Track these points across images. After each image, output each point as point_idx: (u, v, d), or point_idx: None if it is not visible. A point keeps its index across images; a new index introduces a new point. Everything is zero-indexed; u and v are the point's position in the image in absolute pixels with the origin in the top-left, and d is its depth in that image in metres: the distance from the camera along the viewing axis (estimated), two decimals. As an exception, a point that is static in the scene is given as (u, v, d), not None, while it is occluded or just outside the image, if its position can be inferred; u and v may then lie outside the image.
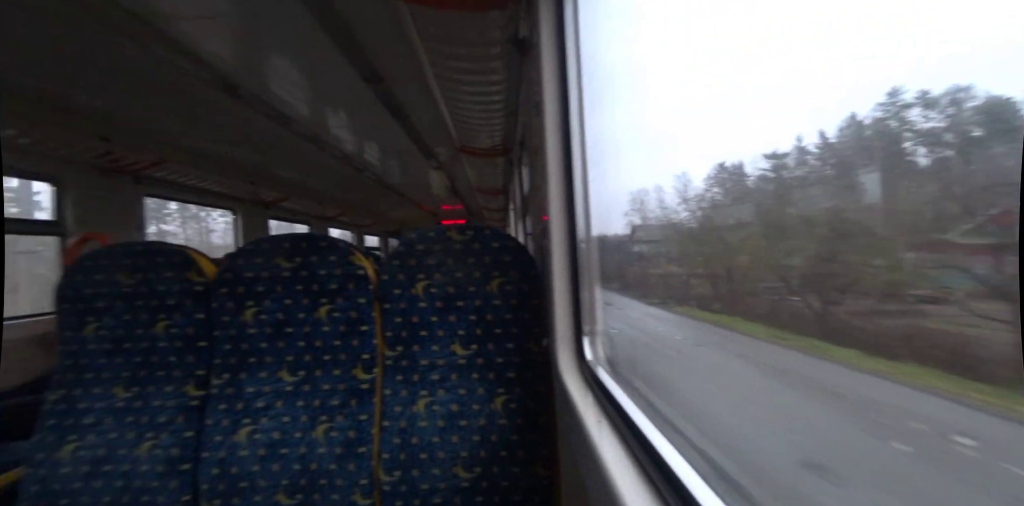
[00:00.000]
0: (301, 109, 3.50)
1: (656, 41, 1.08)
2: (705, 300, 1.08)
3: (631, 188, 1.44)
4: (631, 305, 1.46)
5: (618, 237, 1.48)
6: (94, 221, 3.00)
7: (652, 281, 1.47)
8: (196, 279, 1.40)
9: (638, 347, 1.27)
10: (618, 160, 1.24)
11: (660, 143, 1.17)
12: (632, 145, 1.31)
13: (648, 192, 1.38)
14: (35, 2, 2.00)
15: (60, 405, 1.36)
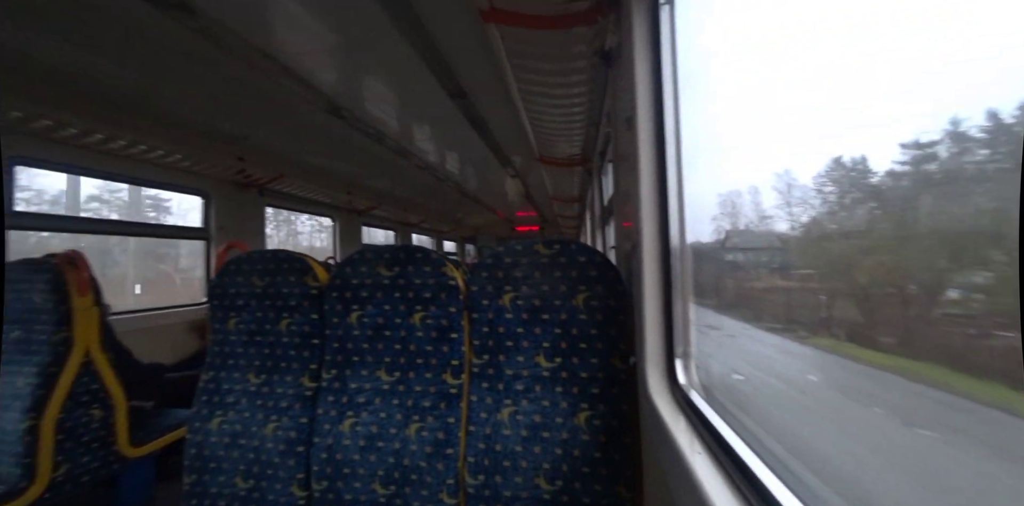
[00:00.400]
0: (392, 125, 3.82)
1: (757, 37, 1.02)
2: (856, 329, 0.77)
3: (720, 190, 1.36)
4: (743, 331, 1.22)
5: (709, 245, 1.37)
6: (230, 227, 3.54)
7: (762, 298, 1.22)
8: (312, 284, 1.60)
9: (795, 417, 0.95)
10: (706, 161, 1.18)
11: (755, 141, 1.10)
12: (723, 145, 1.24)
13: (740, 194, 1.28)
14: (190, 46, 2.43)
15: (210, 384, 1.63)
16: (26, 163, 2.36)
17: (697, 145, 1.15)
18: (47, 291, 1.79)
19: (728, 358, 1.20)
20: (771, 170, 1.05)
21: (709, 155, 1.20)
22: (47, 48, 2.13)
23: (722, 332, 1.28)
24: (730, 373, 1.12)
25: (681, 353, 1.08)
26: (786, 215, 1.06)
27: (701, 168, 1.18)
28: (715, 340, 1.27)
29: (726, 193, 1.35)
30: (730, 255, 1.32)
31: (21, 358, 1.78)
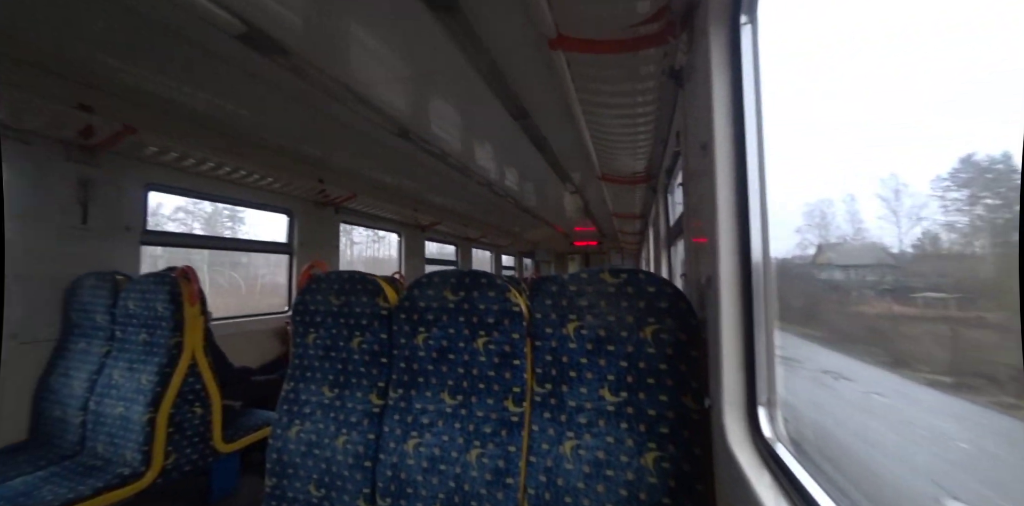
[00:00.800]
0: (455, 144, 3.98)
1: (857, 37, 0.95)
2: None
3: (801, 198, 1.23)
4: (845, 368, 0.97)
5: (793, 261, 1.22)
6: (308, 242, 3.86)
7: (873, 327, 0.95)
8: (383, 304, 1.68)
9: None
10: (785, 169, 1.09)
11: (847, 146, 1.00)
12: (805, 153, 1.14)
13: (830, 203, 1.14)
14: (284, 82, 2.71)
15: (291, 394, 1.76)
16: (156, 188, 2.76)
17: (776, 154, 1.07)
18: (167, 301, 2.05)
19: (825, 404, 1.04)
20: (871, 175, 0.94)
21: (789, 163, 1.11)
22: (172, 89, 2.50)
23: (815, 369, 1.11)
24: (830, 425, 0.97)
25: (765, 400, 0.99)
26: (894, 225, 0.93)
27: (778, 176, 1.09)
28: (808, 380, 1.11)
29: (813, 202, 1.22)
30: (823, 273, 1.12)
31: (146, 358, 2.05)
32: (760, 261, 1.06)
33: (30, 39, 1.97)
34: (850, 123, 1.01)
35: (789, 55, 1.22)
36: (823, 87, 1.11)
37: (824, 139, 1.10)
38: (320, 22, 2.08)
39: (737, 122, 1.08)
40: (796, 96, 1.17)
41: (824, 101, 1.10)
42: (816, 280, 1.14)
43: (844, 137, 1.03)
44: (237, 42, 2.16)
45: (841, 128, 1.04)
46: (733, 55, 1.13)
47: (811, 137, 1.15)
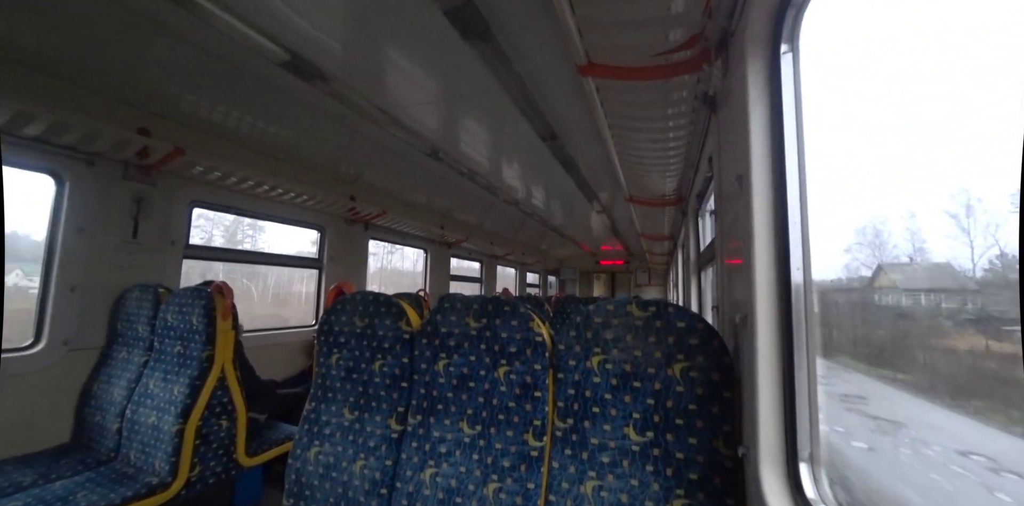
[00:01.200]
0: (484, 164, 4.04)
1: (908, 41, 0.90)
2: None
3: (847, 215, 1.13)
4: (917, 414, 0.73)
5: (843, 284, 1.10)
6: (339, 258, 3.95)
7: (965, 365, 0.73)
8: (405, 328, 1.68)
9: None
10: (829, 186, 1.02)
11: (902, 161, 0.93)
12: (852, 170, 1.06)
13: (884, 220, 1.04)
14: (324, 106, 2.84)
15: (312, 414, 1.76)
16: (200, 205, 2.91)
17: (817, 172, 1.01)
18: (202, 314, 2.12)
19: (888, 456, 0.85)
20: (936, 190, 0.86)
21: (834, 180, 1.05)
22: (222, 114, 2.66)
23: (874, 410, 0.95)
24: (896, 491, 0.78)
25: (808, 456, 0.90)
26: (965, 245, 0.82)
27: (821, 192, 1.02)
28: (863, 423, 0.95)
29: (866, 220, 1.12)
30: (884, 297, 0.97)
31: (179, 369, 2.11)
32: (801, 297, 0.99)
33: (101, 69, 2.15)
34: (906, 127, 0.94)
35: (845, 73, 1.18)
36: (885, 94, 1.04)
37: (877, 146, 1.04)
38: (358, 49, 2.18)
39: (776, 155, 1.03)
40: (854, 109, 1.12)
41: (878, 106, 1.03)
42: (868, 305, 0.97)
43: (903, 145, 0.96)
44: (281, 69, 2.29)
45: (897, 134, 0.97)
46: (772, 84, 1.09)
47: (862, 147, 1.09)
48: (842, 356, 0.80)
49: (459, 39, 1.94)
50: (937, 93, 0.88)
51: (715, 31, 1.38)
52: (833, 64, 1.20)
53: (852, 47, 1.15)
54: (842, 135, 1.18)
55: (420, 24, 1.93)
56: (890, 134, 1.02)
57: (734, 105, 1.25)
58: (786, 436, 0.95)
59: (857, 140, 1.10)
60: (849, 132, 1.15)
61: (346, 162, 3.60)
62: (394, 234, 4.74)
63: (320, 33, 2.03)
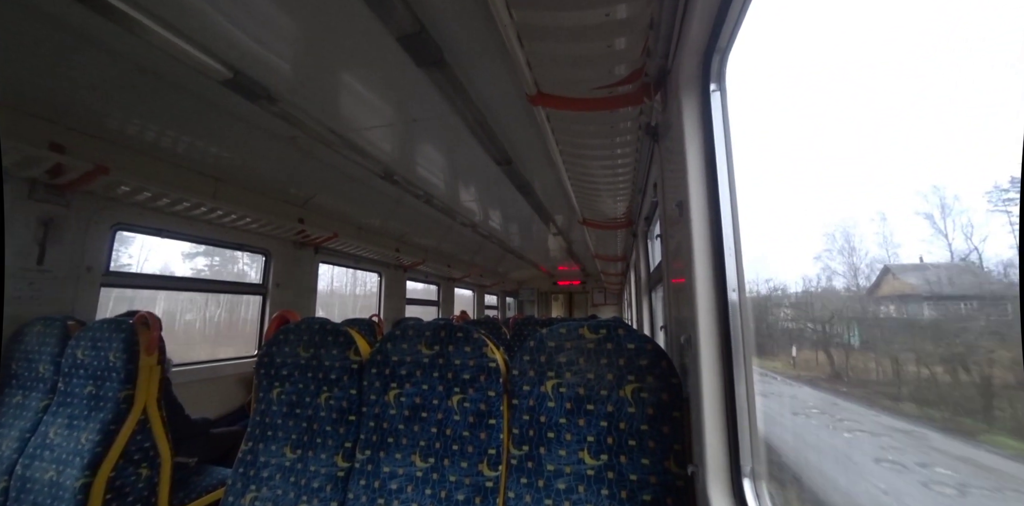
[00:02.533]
0: (440, 187, 4.04)
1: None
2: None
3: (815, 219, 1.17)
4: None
5: (834, 293, 1.11)
6: (285, 283, 3.73)
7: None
8: (353, 358, 1.59)
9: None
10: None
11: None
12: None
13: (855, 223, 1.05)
14: (271, 127, 2.75)
15: (248, 456, 1.60)
16: (125, 228, 2.67)
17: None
18: (121, 350, 1.90)
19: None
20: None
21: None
22: (154, 132, 2.49)
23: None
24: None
25: (750, 471, 0.93)
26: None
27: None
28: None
29: (835, 223, 1.17)
30: (895, 307, 0.83)
31: (89, 414, 1.86)
32: (738, 316, 1.04)
33: (6, 79, 1.96)
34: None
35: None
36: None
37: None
38: (308, 70, 2.14)
39: (711, 183, 1.11)
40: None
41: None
42: (876, 319, 0.78)
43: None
44: (223, 87, 2.20)
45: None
46: (704, 119, 1.18)
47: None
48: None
49: (413, 65, 1.97)
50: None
51: (654, 68, 1.49)
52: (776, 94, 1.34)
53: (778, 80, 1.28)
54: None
55: (373, 48, 1.94)
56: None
57: (673, 137, 1.34)
58: (730, 453, 0.98)
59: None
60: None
61: (295, 183, 3.47)
62: (347, 257, 4.58)
63: (267, 52, 1.98)
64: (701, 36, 1.08)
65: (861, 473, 1.00)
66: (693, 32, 1.07)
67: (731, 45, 1.09)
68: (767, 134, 1.41)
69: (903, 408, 0.85)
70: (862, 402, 1.09)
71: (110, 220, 2.53)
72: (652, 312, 3.43)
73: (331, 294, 5.81)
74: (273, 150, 3.04)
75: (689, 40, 1.11)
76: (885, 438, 0.94)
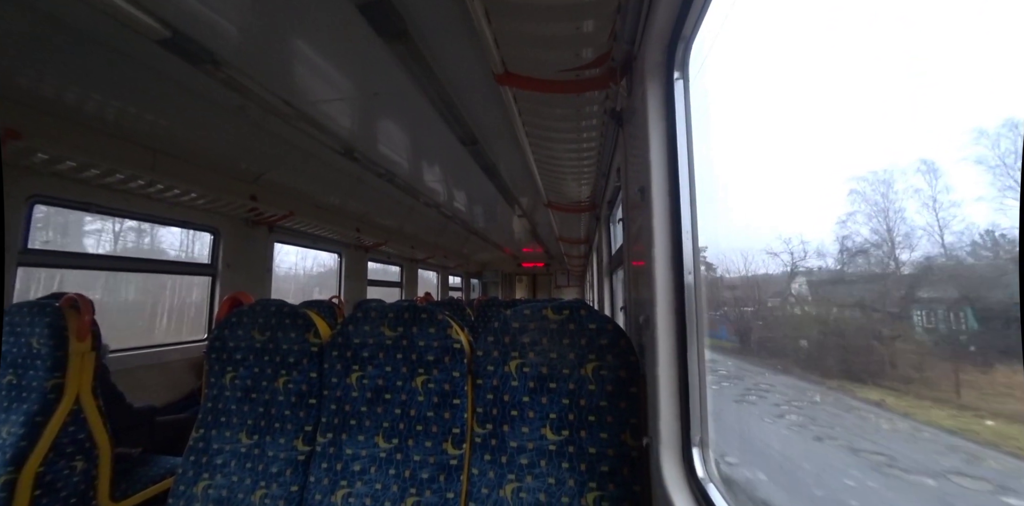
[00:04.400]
0: (403, 166, 3.91)
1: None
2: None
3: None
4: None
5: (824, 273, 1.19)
6: (236, 264, 3.54)
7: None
8: (313, 340, 1.55)
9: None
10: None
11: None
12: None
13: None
14: (215, 94, 2.54)
15: (200, 443, 1.54)
16: (45, 202, 2.41)
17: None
18: (46, 335, 1.75)
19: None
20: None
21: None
22: (77, 94, 2.23)
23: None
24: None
25: (698, 441, 1.01)
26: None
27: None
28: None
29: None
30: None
31: (9, 405, 1.71)
32: (692, 298, 1.11)
33: None
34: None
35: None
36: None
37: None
38: (257, 33, 1.97)
39: (671, 170, 1.14)
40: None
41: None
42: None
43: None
44: (160, 48, 1.99)
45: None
46: (667, 107, 1.21)
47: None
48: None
49: (374, 36, 1.86)
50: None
51: (620, 53, 1.49)
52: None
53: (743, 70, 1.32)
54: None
55: (330, 15, 1.81)
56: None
57: (637, 123, 1.36)
58: (681, 424, 1.05)
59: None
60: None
61: (247, 158, 3.24)
62: (304, 237, 4.38)
63: (210, 11, 1.80)
64: (666, 24, 1.09)
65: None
66: (659, 19, 1.08)
67: (695, 34, 1.11)
68: (728, 124, 1.46)
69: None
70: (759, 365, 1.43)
71: (25, 192, 2.28)
72: (613, 294, 3.55)
73: (285, 276, 5.57)
74: (220, 121, 2.80)
75: (655, 27, 1.11)
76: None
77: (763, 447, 1.23)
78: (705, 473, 0.98)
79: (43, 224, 2.63)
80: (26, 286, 2.51)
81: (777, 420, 1.25)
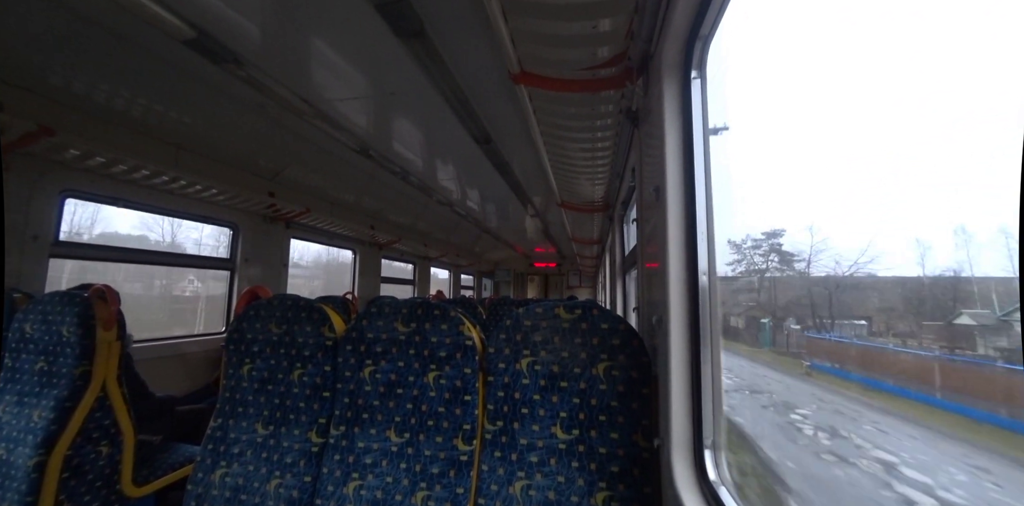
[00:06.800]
0: (417, 164, 3.95)
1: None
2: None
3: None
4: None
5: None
6: (255, 259, 3.62)
7: None
8: (328, 334, 1.58)
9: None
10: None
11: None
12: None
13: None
14: (237, 92, 2.59)
15: (218, 432, 1.59)
16: (75, 196, 2.50)
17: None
18: (75, 324, 1.81)
19: None
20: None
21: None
22: (107, 92, 2.31)
23: None
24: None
25: (711, 444, 1.00)
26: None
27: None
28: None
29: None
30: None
31: (41, 390, 1.78)
32: (708, 299, 1.10)
33: None
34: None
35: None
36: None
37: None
38: (279, 33, 2.01)
39: (687, 170, 1.13)
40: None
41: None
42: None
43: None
44: (185, 48, 2.04)
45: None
46: (684, 106, 1.19)
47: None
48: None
49: (391, 35, 1.88)
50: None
51: (637, 52, 1.48)
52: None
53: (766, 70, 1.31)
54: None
55: (348, 15, 1.84)
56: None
57: (653, 122, 1.35)
58: (693, 427, 1.04)
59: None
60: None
61: (265, 155, 3.31)
62: (320, 234, 4.45)
63: (234, 12, 1.85)
64: (684, 22, 1.08)
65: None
66: (677, 17, 1.07)
67: (713, 33, 1.09)
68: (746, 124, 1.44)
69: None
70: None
71: (58, 186, 2.36)
72: (625, 294, 3.53)
73: (299, 272, 5.67)
74: (240, 118, 2.87)
75: (672, 25, 1.10)
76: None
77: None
78: (717, 476, 0.97)
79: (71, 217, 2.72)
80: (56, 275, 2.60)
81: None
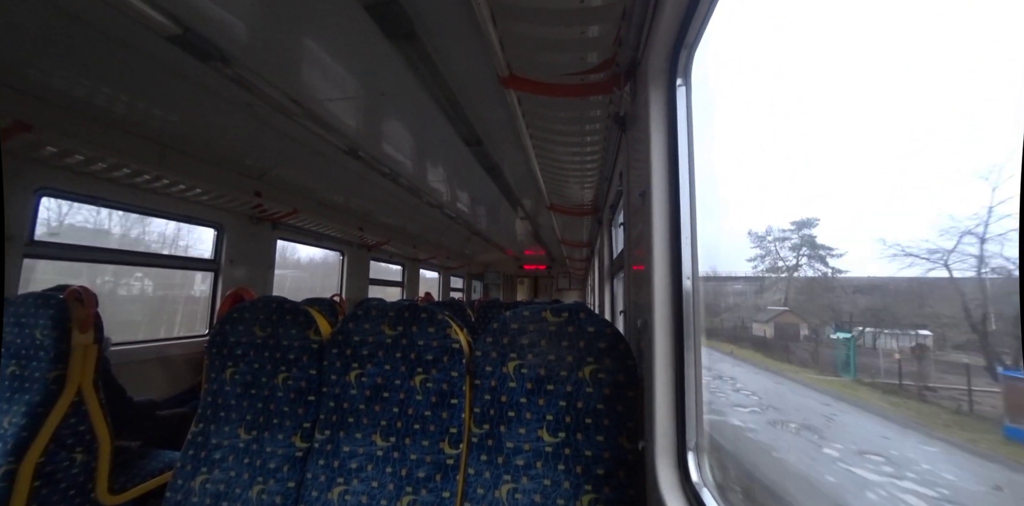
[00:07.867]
0: (407, 166, 3.93)
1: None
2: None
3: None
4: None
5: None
6: (239, 260, 3.56)
7: None
8: (313, 337, 1.56)
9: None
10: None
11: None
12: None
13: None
14: (224, 91, 2.56)
15: (199, 438, 1.56)
16: (51, 194, 2.43)
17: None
18: (49, 327, 1.76)
19: None
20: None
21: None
22: (88, 88, 2.25)
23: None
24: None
25: (694, 446, 1.01)
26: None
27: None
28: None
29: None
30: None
31: (12, 396, 1.73)
32: (691, 303, 1.11)
33: None
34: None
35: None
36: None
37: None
38: (267, 32, 1.99)
39: (672, 176, 1.15)
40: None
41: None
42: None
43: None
44: (171, 45, 2.01)
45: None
46: (670, 113, 1.21)
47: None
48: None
49: (382, 36, 1.88)
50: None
51: (625, 58, 1.50)
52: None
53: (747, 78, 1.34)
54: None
55: (338, 15, 1.83)
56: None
57: (640, 127, 1.37)
58: (677, 429, 1.06)
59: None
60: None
61: (252, 154, 3.26)
62: (307, 235, 4.41)
63: (220, 8, 1.82)
64: (670, 30, 1.10)
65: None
66: (663, 26, 1.09)
67: (698, 41, 1.12)
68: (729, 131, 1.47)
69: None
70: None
71: (33, 184, 2.30)
72: (613, 297, 3.55)
73: (286, 273, 5.59)
74: (227, 117, 2.83)
75: (659, 33, 1.12)
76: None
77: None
78: (700, 478, 0.98)
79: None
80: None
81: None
